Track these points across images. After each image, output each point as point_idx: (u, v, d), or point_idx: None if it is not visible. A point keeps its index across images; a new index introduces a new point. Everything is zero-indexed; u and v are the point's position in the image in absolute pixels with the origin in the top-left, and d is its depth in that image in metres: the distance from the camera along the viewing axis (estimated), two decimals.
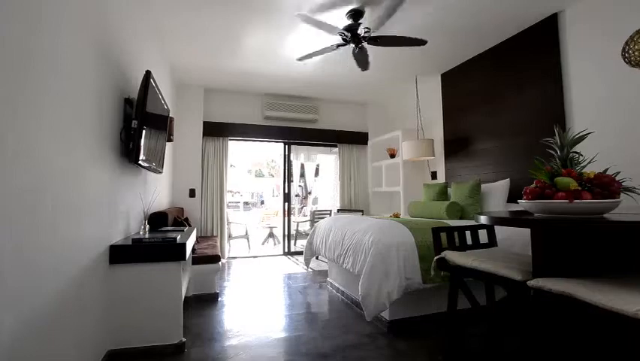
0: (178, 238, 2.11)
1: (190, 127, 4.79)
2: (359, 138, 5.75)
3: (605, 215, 1.20)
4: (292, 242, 5.74)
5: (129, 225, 2.39)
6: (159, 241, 2.05)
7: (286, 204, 5.65)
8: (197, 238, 3.90)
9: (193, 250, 3.19)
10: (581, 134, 1.32)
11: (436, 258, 1.83)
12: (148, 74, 2.15)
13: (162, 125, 2.82)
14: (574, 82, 2.86)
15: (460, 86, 4.18)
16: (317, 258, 4.77)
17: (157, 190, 3.22)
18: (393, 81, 4.75)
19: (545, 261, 1.32)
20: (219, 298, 3.14)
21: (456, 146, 4.22)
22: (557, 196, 1.18)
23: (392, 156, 5.12)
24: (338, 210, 5.54)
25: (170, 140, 3.41)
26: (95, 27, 1.76)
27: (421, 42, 2.94)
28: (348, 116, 5.78)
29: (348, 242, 2.66)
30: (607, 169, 1.25)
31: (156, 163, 2.68)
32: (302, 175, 9.24)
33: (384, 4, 2.68)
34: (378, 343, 2.17)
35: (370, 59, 3.28)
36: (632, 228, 1.08)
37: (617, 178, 1.19)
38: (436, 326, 2.37)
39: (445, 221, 2.91)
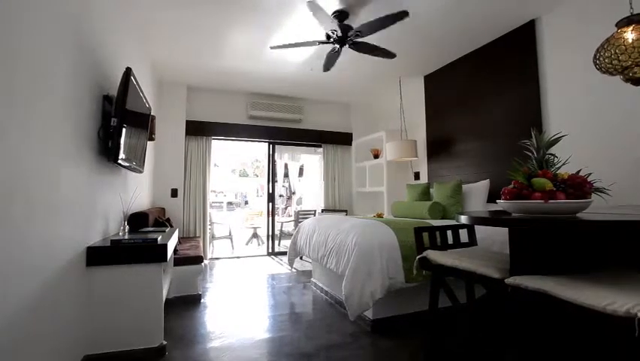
0: (159, 238, 2.07)
1: (172, 126, 4.70)
2: (343, 139, 5.78)
3: (577, 214, 1.24)
4: (276, 242, 5.72)
5: (108, 225, 2.32)
6: (139, 242, 2.00)
7: (270, 204, 5.62)
8: (179, 239, 3.83)
9: (175, 251, 3.13)
10: (555, 136, 1.37)
11: (418, 257, 1.86)
12: (128, 71, 2.10)
13: (143, 123, 2.75)
14: (550, 86, 2.96)
15: (442, 88, 4.26)
16: (301, 258, 4.76)
17: (137, 190, 3.14)
18: (377, 82, 4.80)
19: (522, 259, 1.36)
20: (202, 300, 3.10)
21: (438, 147, 4.30)
22: (534, 196, 1.22)
23: (376, 156, 5.17)
24: (322, 211, 5.55)
25: (151, 139, 3.34)
26: (72, 21, 1.71)
27: (391, 55, 3.18)
28: (333, 116, 5.81)
29: (331, 242, 2.67)
30: (579, 170, 1.30)
31: (137, 162, 2.61)
32: (286, 175, 9.20)
33: (373, 21, 2.70)
34: (362, 342, 2.19)
35: (354, 60, 3.30)
36: (604, 227, 1.13)
37: (588, 179, 1.24)
38: (418, 324, 2.41)
39: (427, 221, 2.96)
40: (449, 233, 2.00)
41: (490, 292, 1.75)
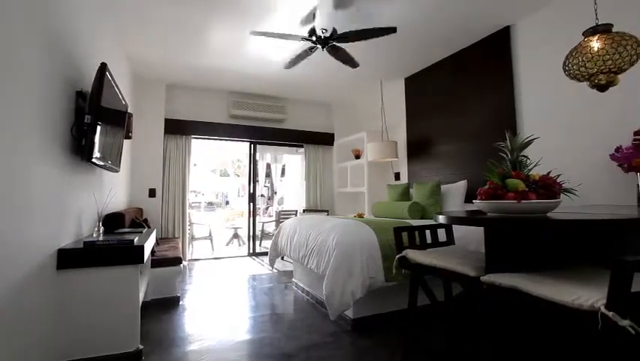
0: (135, 239, 2.01)
1: (151, 124, 4.58)
2: (325, 139, 5.80)
3: (548, 214, 1.30)
4: (257, 243, 5.67)
5: (81, 227, 2.24)
6: (114, 244, 1.94)
7: (251, 204, 5.57)
8: (157, 240, 3.73)
9: (152, 252, 3.06)
10: (528, 139, 1.42)
11: (397, 256, 1.89)
12: (103, 66, 2.04)
13: (119, 121, 2.67)
14: (523, 90, 3.08)
15: (422, 90, 4.35)
16: (282, 258, 4.74)
17: (113, 190, 3.04)
18: (359, 84, 4.84)
19: (497, 257, 1.41)
20: (180, 302, 3.03)
21: (418, 148, 4.39)
22: (507, 197, 1.26)
23: (357, 157, 5.22)
24: (304, 211, 5.54)
25: (128, 137, 3.24)
26: (42, 12, 1.64)
27: (390, 30, 2.79)
28: (315, 116, 5.81)
29: (312, 243, 2.67)
30: (550, 172, 1.36)
31: (112, 161, 2.53)
32: (268, 175, 9.15)
33: (358, 30, 2.71)
34: (342, 341, 2.20)
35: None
36: (571, 225, 1.19)
37: (558, 180, 1.30)
38: (398, 322, 2.44)
39: (407, 221, 3.01)
40: (428, 233, 2.05)
41: (466, 289, 1.80)
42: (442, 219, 1.48)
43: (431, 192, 3.41)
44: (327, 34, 2.90)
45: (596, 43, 1.68)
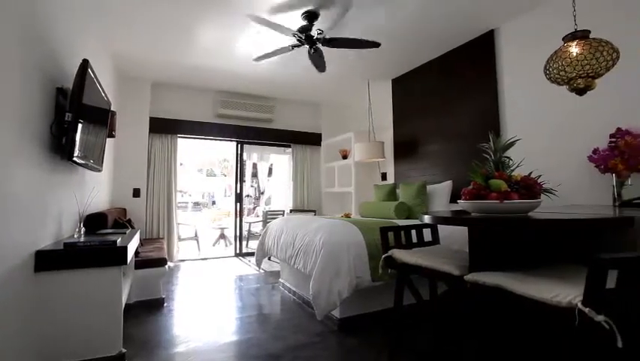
0: (118, 240, 1.97)
1: (135, 123, 4.49)
2: (313, 139, 5.80)
3: (529, 213, 1.33)
4: (244, 243, 5.63)
5: (61, 228, 2.18)
6: (96, 245, 1.89)
7: (238, 204, 5.52)
8: (141, 241, 3.66)
9: (136, 253, 3.00)
10: (510, 140, 1.46)
11: (383, 256, 1.91)
12: (85, 63, 1.99)
13: (102, 119, 2.61)
14: (507, 93, 3.15)
15: (409, 91, 4.40)
16: (269, 259, 4.71)
17: (95, 190, 2.97)
18: (347, 84, 4.86)
19: (480, 256, 1.44)
20: (165, 304, 2.98)
21: (405, 149, 4.43)
22: (490, 197, 1.29)
23: (344, 157, 5.24)
24: (291, 211, 5.53)
25: (111, 135, 3.17)
26: (20, 5, 1.58)
27: (374, 44, 3.01)
28: (303, 116, 5.81)
29: (299, 243, 2.67)
30: (531, 172, 1.39)
31: (95, 160, 2.47)
32: (255, 175, 9.09)
33: (337, 7, 2.73)
34: (329, 341, 2.21)
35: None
36: (551, 225, 1.22)
37: (538, 181, 1.33)
38: (384, 322, 2.46)
39: (393, 221, 3.04)
40: (413, 232, 2.07)
41: (451, 288, 1.83)
42: (427, 219, 1.50)
43: (417, 193, 3.45)
44: (320, 36, 2.91)
45: (574, 49, 1.74)
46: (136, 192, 4.49)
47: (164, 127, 4.75)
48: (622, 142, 2.17)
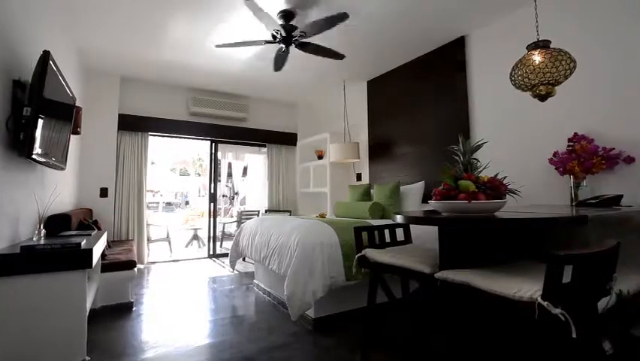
0: (83, 243, 1.87)
1: (103, 119, 4.29)
2: (288, 139, 5.77)
3: (495, 213, 1.39)
4: (218, 244, 5.52)
5: (18, 230, 2.04)
6: (57, 248, 1.79)
7: (212, 204, 5.41)
8: (108, 243, 3.51)
9: (103, 255, 2.87)
10: (478, 143, 1.52)
11: (357, 256, 1.93)
12: (46, 55, 1.88)
13: (65, 114, 2.48)
14: (475, 97, 3.28)
15: (383, 93, 4.47)
16: (243, 260, 4.66)
17: (58, 189, 2.81)
18: (322, 85, 4.88)
19: (450, 255, 1.49)
20: (134, 308, 2.87)
21: (379, 150, 4.51)
22: (459, 197, 1.34)
23: (320, 157, 5.26)
24: (266, 211, 5.49)
25: (76, 132, 3.02)
26: None
27: (340, 56, 3.23)
28: (278, 116, 5.77)
29: (274, 243, 2.65)
30: (497, 174, 1.46)
31: (57, 158, 2.35)
32: (229, 175, 8.92)
33: (316, 21, 2.74)
34: (304, 342, 2.21)
35: (300, 61, 3.32)
36: (515, 223, 1.28)
37: (504, 182, 1.40)
38: (358, 320, 2.49)
39: (367, 220, 3.08)
40: (387, 232, 2.11)
41: (422, 286, 1.87)
42: (399, 218, 1.53)
43: (391, 193, 3.52)
44: (284, 34, 2.89)
45: (537, 57, 1.83)
46: (103, 192, 4.29)
47: (134, 124, 4.58)
48: (578, 146, 2.31)
